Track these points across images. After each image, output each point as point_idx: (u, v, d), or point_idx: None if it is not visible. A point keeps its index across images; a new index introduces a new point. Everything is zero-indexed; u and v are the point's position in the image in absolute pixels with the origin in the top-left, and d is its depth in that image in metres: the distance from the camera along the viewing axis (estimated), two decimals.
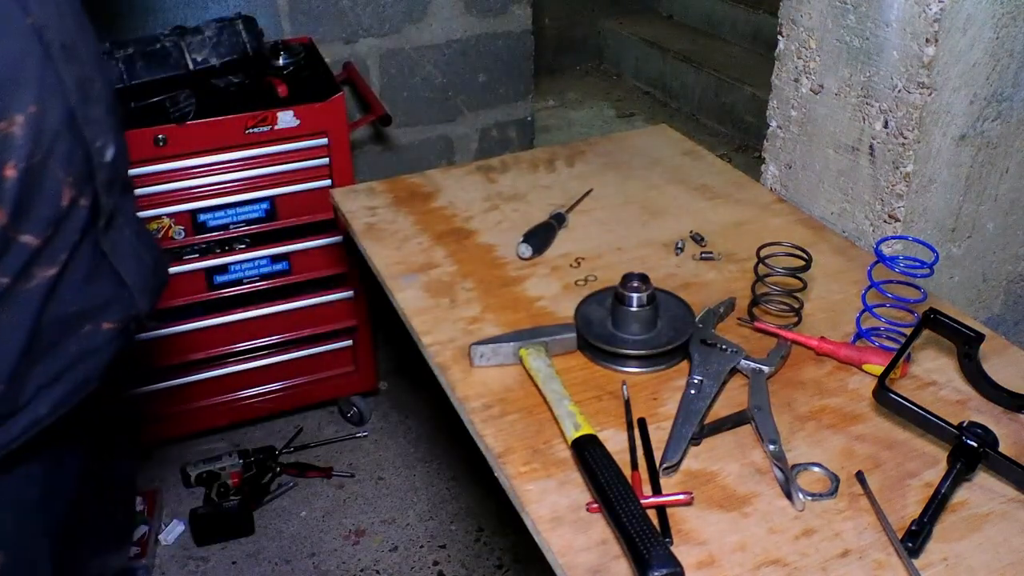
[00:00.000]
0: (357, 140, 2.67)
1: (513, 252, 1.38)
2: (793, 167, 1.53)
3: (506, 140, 2.92)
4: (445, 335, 1.20)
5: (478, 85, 2.77)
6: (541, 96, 4.37)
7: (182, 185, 2.01)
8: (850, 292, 1.28)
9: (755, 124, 3.90)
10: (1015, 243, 1.48)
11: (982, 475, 0.98)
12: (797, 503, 0.93)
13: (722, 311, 1.22)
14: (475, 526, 2.21)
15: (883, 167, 1.34)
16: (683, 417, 1.03)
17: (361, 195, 1.56)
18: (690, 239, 1.42)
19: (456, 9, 2.63)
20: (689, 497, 0.94)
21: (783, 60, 1.49)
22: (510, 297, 1.28)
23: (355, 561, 2.12)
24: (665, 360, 1.14)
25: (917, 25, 1.22)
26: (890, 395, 1.00)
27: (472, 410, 1.07)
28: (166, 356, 2.17)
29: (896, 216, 1.34)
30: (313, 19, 2.46)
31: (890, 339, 1.17)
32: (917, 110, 1.26)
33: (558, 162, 1.67)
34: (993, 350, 1.14)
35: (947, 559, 0.88)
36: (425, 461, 2.40)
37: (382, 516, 2.24)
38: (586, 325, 1.16)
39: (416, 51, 2.63)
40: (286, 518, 2.22)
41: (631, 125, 4.30)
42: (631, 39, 4.77)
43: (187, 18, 2.29)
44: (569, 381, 1.09)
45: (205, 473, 2.23)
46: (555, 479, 0.97)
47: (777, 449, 0.99)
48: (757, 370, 1.11)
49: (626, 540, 0.85)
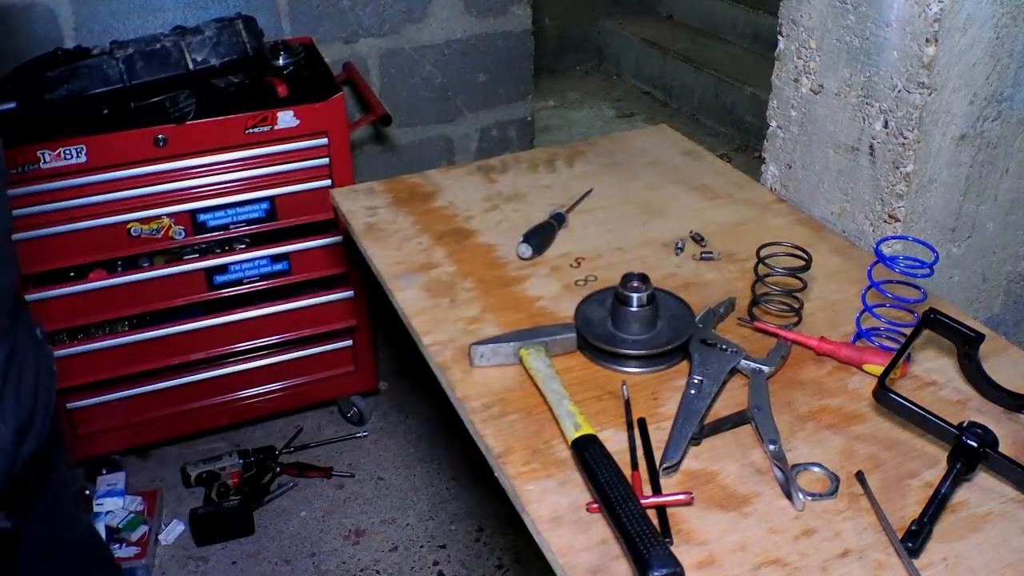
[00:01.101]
0: (357, 140, 2.67)
1: (513, 252, 1.38)
2: (793, 167, 1.53)
3: (506, 140, 2.92)
4: (445, 335, 1.20)
5: (478, 85, 2.77)
6: (541, 96, 4.37)
7: (182, 185, 2.01)
8: (850, 292, 1.28)
9: (755, 124, 3.90)
10: (1015, 243, 1.48)
11: (982, 475, 0.98)
12: (797, 503, 0.93)
13: (722, 311, 1.22)
14: (475, 526, 2.21)
15: (883, 167, 1.34)
16: (683, 417, 1.03)
17: (361, 195, 1.56)
18: (690, 239, 1.42)
19: (456, 9, 2.63)
20: (689, 497, 0.94)
21: (783, 60, 1.49)
22: (510, 297, 1.28)
23: (355, 561, 2.12)
24: (665, 360, 1.14)
25: (917, 25, 1.22)
26: (890, 395, 1.00)
27: (472, 410, 1.07)
28: (166, 356, 2.17)
29: (896, 216, 1.34)
30: (313, 19, 2.46)
31: (890, 339, 1.17)
32: (917, 110, 1.26)
33: (558, 162, 1.67)
34: (993, 350, 1.14)
35: (947, 559, 0.88)
36: (425, 461, 2.40)
37: (382, 516, 2.24)
38: (586, 325, 1.16)
39: (416, 51, 2.63)
40: (286, 518, 2.22)
41: (631, 125, 4.30)
42: (631, 39, 4.77)
43: (187, 18, 2.29)
44: (569, 381, 1.09)
45: (205, 473, 2.23)
46: (555, 479, 0.97)
47: (777, 449, 0.99)
48: (757, 370, 1.11)
49: (626, 540, 0.85)
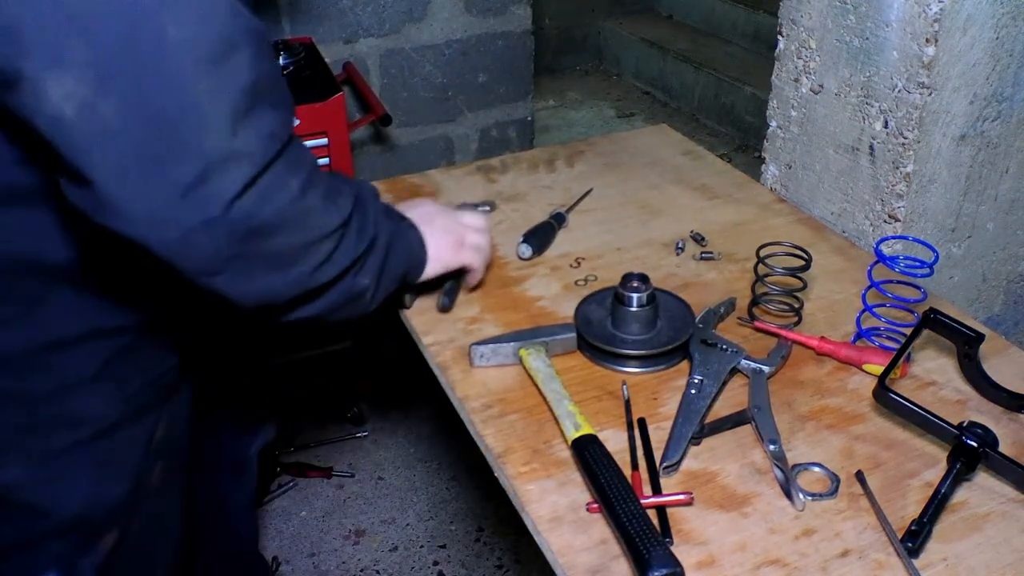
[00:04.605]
0: (357, 140, 2.67)
1: (513, 252, 1.38)
2: (793, 167, 1.53)
3: (506, 140, 2.92)
4: (445, 335, 1.20)
5: (478, 85, 2.78)
6: (541, 96, 4.37)
7: None
8: (850, 292, 1.28)
9: (755, 124, 3.90)
10: (1015, 243, 1.48)
11: (982, 475, 0.98)
12: (797, 503, 0.93)
13: (722, 311, 1.22)
14: (475, 526, 2.21)
15: (883, 167, 1.34)
16: (683, 417, 1.03)
17: None
18: (690, 239, 1.42)
19: (456, 9, 2.63)
20: (689, 497, 0.94)
21: (783, 60, 1.49)
22: (510, 297, 1.28)
23: (355, 561, 2.12)
24: (665, 360, 1.14)
25: (917, 25, 1.22)
26: (890, 395, 1.00)
27: (472, 410, 1.07)
28: None
29: (896, 216, 1.34)
30: (313, 19, 2.46)
31: (890, 339, 1.17)
32: (917, 110, 1.26)
33: (558, 162, 1.67)
34: (993, 350, 1.14)
35: (947, 559, 0.88)
36: (425, 461, 2.40)
37: (382, 516, 2.24)
38: (586, 325, 1.16)
39: (416, 51, 2.63)
40: (286, 518, 2.22)
41: (631, 125, 4.30)
42: (631, 39, 4.77)
43: None
44: (569, 381, 1.09)
45: None
46: (555, 479, 0.97)
47: (777, 449, 0.99)
48: (757, 370, 1.11)
49: (626, 540, 0.85)
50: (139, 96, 0.74)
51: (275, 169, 0.82)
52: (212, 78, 0.76)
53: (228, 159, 0.78)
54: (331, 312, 0.99)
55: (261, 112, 0.80)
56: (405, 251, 1.09)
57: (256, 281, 0.87)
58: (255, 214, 0.81)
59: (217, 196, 0.78)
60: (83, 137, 0.73)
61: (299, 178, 0.86)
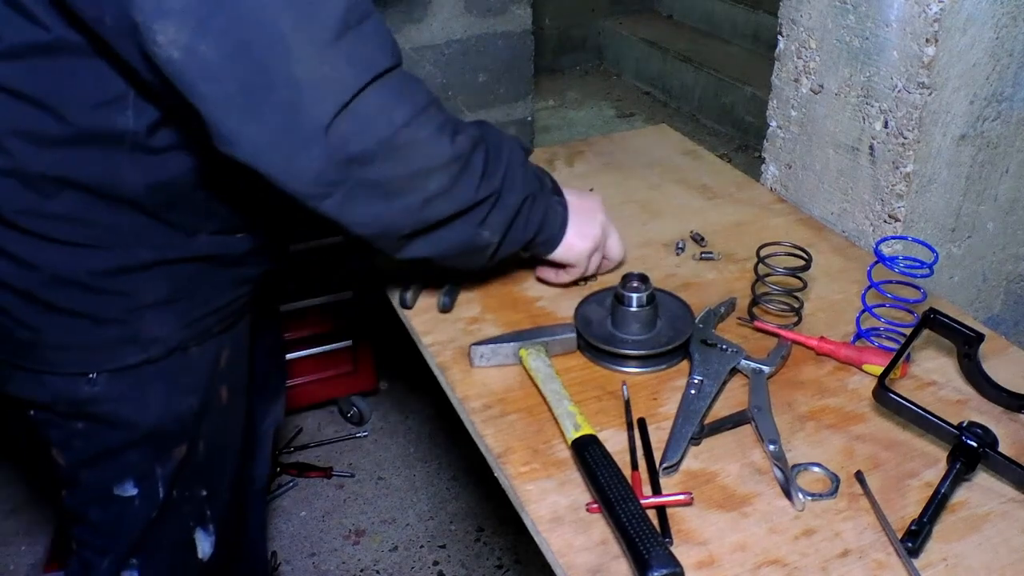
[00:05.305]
0: None
1: None
2: (793, 167, 1.53)
3: None
4: (445, 335, 1.20)
5: (478, 85, 2.77)
6: (541, 96, 4.37)
7: None
8: (850, 292, 1.28)
9: (755, 124, 3.90)
10: (1015, 243, 1.48)
11: (982, 475, 0.98)
12: (797, 503, 0.93)
13: (722, 311, 1.22)
14: (475, 526, 2.21)
15: (883, 167, 1.34)
16: (683, 417, 1.03)
17: None
18: (690, 239, 1.42)
19: (456, 9, 2.63)
20: (689, 497, 0.94)
21: (783, 60, 1.49)
22: (510, 297, 1.28)
23: (355, 561, 2.12)
24: (665, 360, 1.14)
25: (917, 25, 1.22)
26: (890, 395, 1.00)
27: (472, 410, 1.07)
28: None
29: (896, 216, 1.34)
30: None
31: (890, 339, 1.17)
32: (917, 110, 1.26)
33: (558, 162, 1.67)
34: (993, 350, 1.14)
35: (947, 559, 0.88)
36: (425, 461, 2.40)
37: (382, 516, 2.24)
38: (586, 325, 1.16)
39: (416, 51, 2.63)
40: (286, 518, 2.22)
41: (631, 125, 4.30)
42: (631, 39, 4.77)
43: None
44: (569, 381, 1.09)
45: None
46: (555, 479, 0.97)
47: (777, 449, 0.99)
48: (757, 370, 1.11)
49: (626, 540, 0.85)
50: (229, 34, 0.80)
51: (369, 97, 0.86)
52: (295, 10, 0.82)
53: (317, 85, 0.83)
54: (447, 256, 1.05)
55: (352, 40, 0.84)
56: (540, 218, 1.13)
57: (362, 208, 0.92)
58: (352, 140, 0.86)
59: (312, 121, 0.83)
60: (191, 76, 0.81)
61: (404, 109, 0.90)
